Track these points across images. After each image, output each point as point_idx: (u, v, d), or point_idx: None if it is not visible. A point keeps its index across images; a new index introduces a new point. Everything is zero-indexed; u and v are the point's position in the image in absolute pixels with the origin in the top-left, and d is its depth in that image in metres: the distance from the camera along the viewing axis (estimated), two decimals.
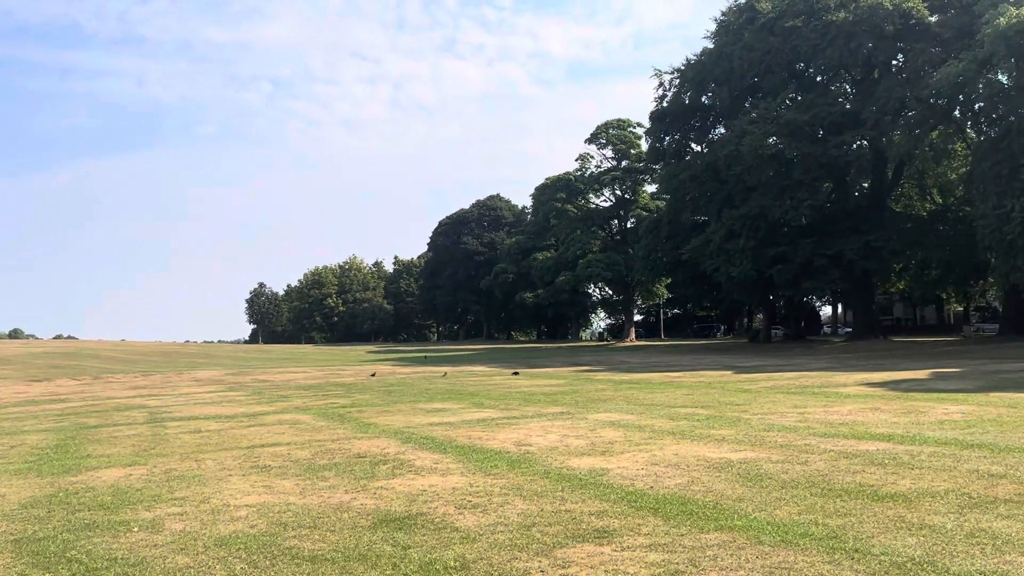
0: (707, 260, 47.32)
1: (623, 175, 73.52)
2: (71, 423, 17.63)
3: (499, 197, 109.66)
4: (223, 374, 37.76)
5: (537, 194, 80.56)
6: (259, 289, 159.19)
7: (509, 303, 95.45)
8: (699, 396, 18.86)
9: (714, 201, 49.16)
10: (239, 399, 22.95)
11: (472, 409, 17.43)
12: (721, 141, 47.84)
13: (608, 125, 74.64)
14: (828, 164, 43.65)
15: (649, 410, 15.78)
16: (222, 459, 11.11)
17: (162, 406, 21.28)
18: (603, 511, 6.89)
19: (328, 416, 17.01)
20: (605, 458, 9.82)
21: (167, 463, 10.95)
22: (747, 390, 20.34)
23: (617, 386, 23.44)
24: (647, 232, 59.94)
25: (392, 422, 15.33)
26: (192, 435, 14.32)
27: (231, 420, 16.80)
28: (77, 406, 22.40)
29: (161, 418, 17.90)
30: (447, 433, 13.12)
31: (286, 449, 11.92)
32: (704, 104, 55.35)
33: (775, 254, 44.45)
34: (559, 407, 17.08)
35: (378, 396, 22.46)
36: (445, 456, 10.52)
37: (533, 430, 13.03)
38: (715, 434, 11.72)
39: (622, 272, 70.42)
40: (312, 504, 7.68)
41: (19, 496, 8.79)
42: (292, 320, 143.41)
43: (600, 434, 12.21)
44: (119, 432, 15.33)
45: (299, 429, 14.69)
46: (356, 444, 12.15)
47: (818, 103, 43.27)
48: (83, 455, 12.25)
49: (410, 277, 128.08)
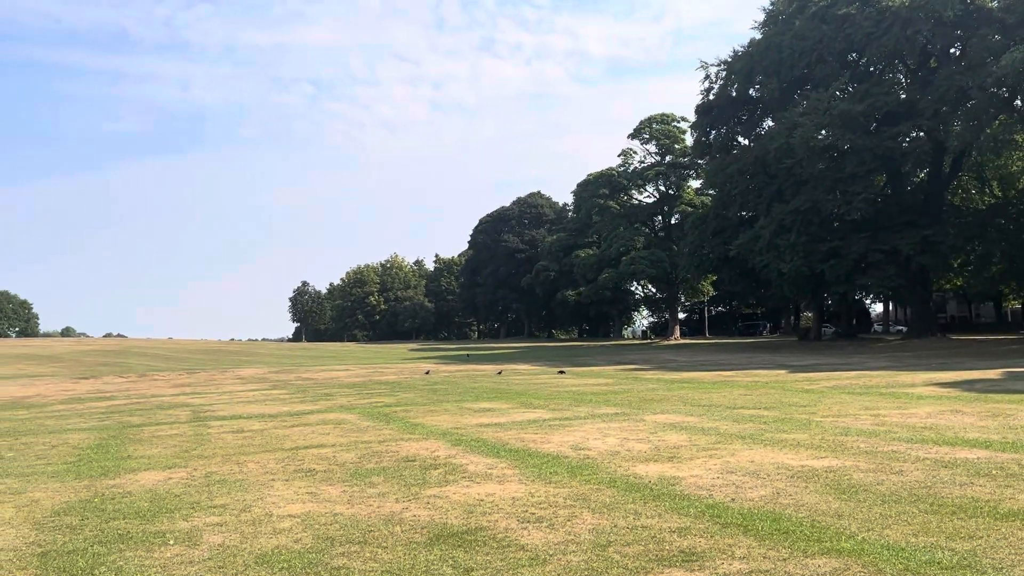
0: (756, 256, 46.00)
1: (667, 170, 72.20)
2: (114, 422, 17.36)
3: (540, 194, 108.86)
4: (266, 372, 37.63)
5: (579, 191, 79.58)
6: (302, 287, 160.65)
7: (550, 301, 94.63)
8: (758, 396, 17.94)
9: (763, 195, 47.76)
10: (282, 397, 22.59)
11: (521, 409, 16.75)
12: (771, 134, 46.42)
13: (652, 120, 73.37)
14: (883, 156, 42.03)
15: (709, 411, 14.94)
16: (265, 461, 10.58)
17: (205, 404, 20.99)
18: (685, 528, 6.14)
19: (373, 415, 16.47)
20: (674, 465, 9.06)
21: (208, 465, 10.45)
22: (808, 390, 19.36)
23: (669, 385, 22.58)
24: (693, 228, 58.66)
25: (439, 422, 14.72)
26: (234, 435, 13.87)
27: (274, 419, 16.36)
28: (122, 404, 22.23)
29: (204, 417, 17.54)
30: (498, 435, 12.46)
31: (331, 451, 11.36)
32: (751, 96, 53.93)
33: (827, 250, 42.98)
34: (613, 407, 16.32)
35: (423, 395, 21.91)
36: (499, 460, 9.85)
37: (589, 432, 12.31)
38: (788, 438, 10.88)
39: (666, 269, 69.15)
40: (361, 515, 7.06)
41: (53, 501, 8.33)
42: (335, 318, 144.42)
43: (663, 437, 11.44)
44: (161, 431, 14.96)
45: (344, 429, 14.16)
46: (404, 446, 11.54)
47: (873, 92, 41.67)
48: (123, 456, 11.84)
49: (451, 275, 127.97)
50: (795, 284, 45.78)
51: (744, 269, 51.49)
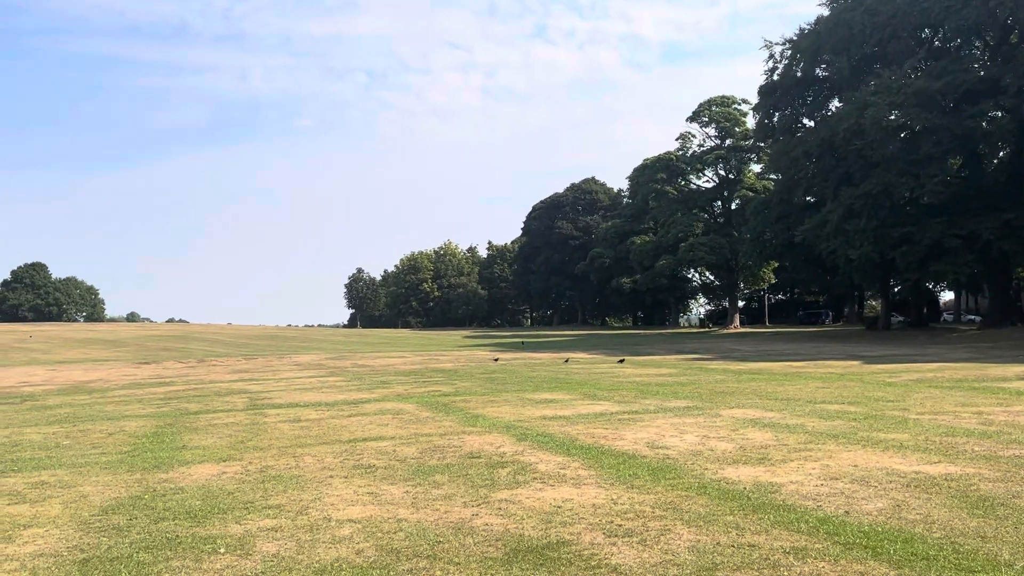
0: (823, 242, 44.24)
1: (727, 154, 70.22)
2: (172, 408, 17.14)
3: (594, 180, 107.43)
4: (323, 358, 37.55)
5: (635, 175, 78.09)
6: (357, 275, 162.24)
7: (604, 288, 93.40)
8: (838, 390, 16.85)
9: (830, 179, 45.91)
10: (339, 385, 22.22)
11: (585, 401, 15.99)
12: (839, 114, 44.48)
13: (711, 102, 71.41)
14: (962, 136, 39.87)
15: (789, 406, 13.97)
16: (322, 455, 10.04)
17: (262, 391, 20.71)
18: (800, 548, 5.33)
19: (432, 405, 15.89)
20: (767, 468, 8.20)
21: (263, 459, 9.95)
22: (890, 383, 18.18)
23: (738, 377, 21.55)
24: (755, 213, 56.89)
25: (501, 414, 14.06)
26: (291, 425, 13.41)
27: (331, 408, 15.91)
28: (180, 390, 22.13)
29: (260, 405, 17.20)
30: (565, 429, 11.73)
31: (391, 444, 10.77)
32: (817, 76, 51.92)
33: (899, 235, 41.06)
34: (683, 401, 15.45)
35: (481, 384, 21.30)
36: (571, 459, 9.12)
37: (664, 429, 11.49)
38: (887, 439, 9.91)
39: (726, 256, 67.40)
40: (427, 521, 6.40)
41: (103, 497, 7.87)
42: (389, 305, 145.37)
43: (746, 435, 10.56)
44: (218, 420, 14.62)
45: (403, 420, 13.59)
46: (467, 440, 10.89)
47: (951, 70, 39.52)
48: (178, 446, 11.45)
49: (504, 262, 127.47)
50: (864, 271, 43.94)
51: (809, 255, 49.68)
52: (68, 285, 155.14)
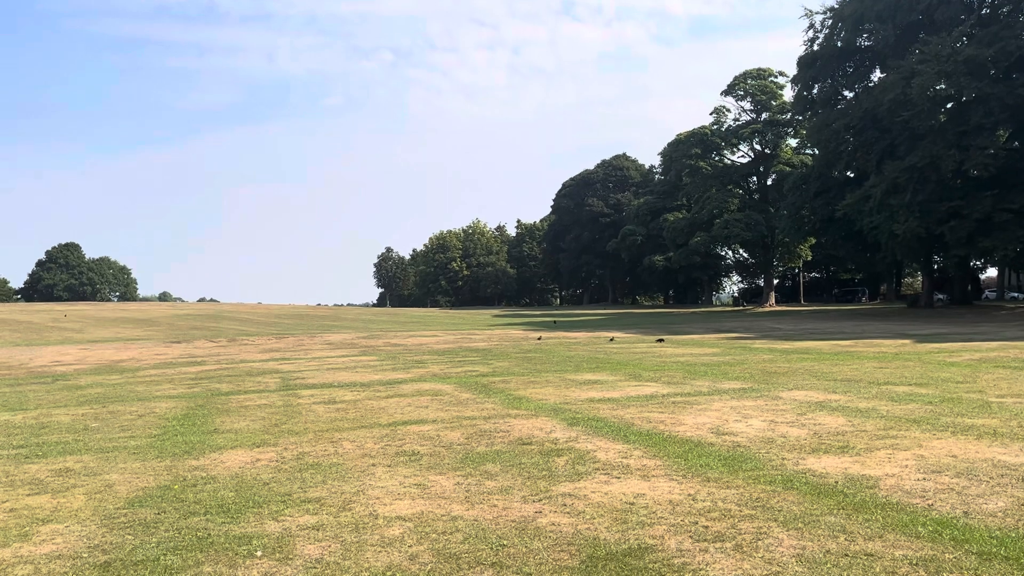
0: (865, 217, 42.80)
1: (763, 128, 68.52)
2: (203, 389, 16.68)
3: (625, 156, 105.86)
4: (355, 337, 37.12)
5: (668, 151, 76.60)
6: (386, 254, 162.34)
7: (636, 266, 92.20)
8: (897, 370, 15.93)
9: (873, 152, 44.36)
10: (373, 364, 21.67)
11: (631, 382, 15.24)
12: (884, 84, 42.80)
13: (747, 75, 69.63)
14: (1013, 106, 38.17)
15: (852, 387, 13.12)
16: (361, 440, 9.41)
17: (294, 371, 20.23)
18: (928, 559, 4.56)
19: (471, 386, 15.25)
20: (853, 458, 7.41)
21: (299, 444, 9.35)
22: (952, 363, 17.20)
23: (786, 356, 20.66)
24: (793, 188, 55.37)
25: (544, 395, 13.37)
26: (326, 407, 12.83)
27: (367, 389, 15.32)
28: (211, 369, 21.73)
29: (293, 385, 16.68)
30: (617, 413, 11.00)
31: (433, 428, 10.13)
32: (860, 46, 50.12)
33: (947, 209, 39.57)
34: (736, 382, 14.64)
35: (518, 363, 20.64)
36: (631, 447, 8.39)
37: (725, 413, 10.72)
38: (975, 424, 9.06)
39: (763, 232, 65.95)
40: (485, 519, 5.71)
41: (130, 487, 7.30)
42: (418, 284, 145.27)
43: (817, 420, 9.76)
44: (250, 401, 14.09)
45: (442, 402, 12.95)
46: (514, 424, 10.21)
47: (1003, 36, 37.77)
48: (209, 429, 10.91)
49: (532, 241, 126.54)
50: (908, 247, 42.49)
51: (850, 232, 48.18)
52: (101, 265, 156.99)
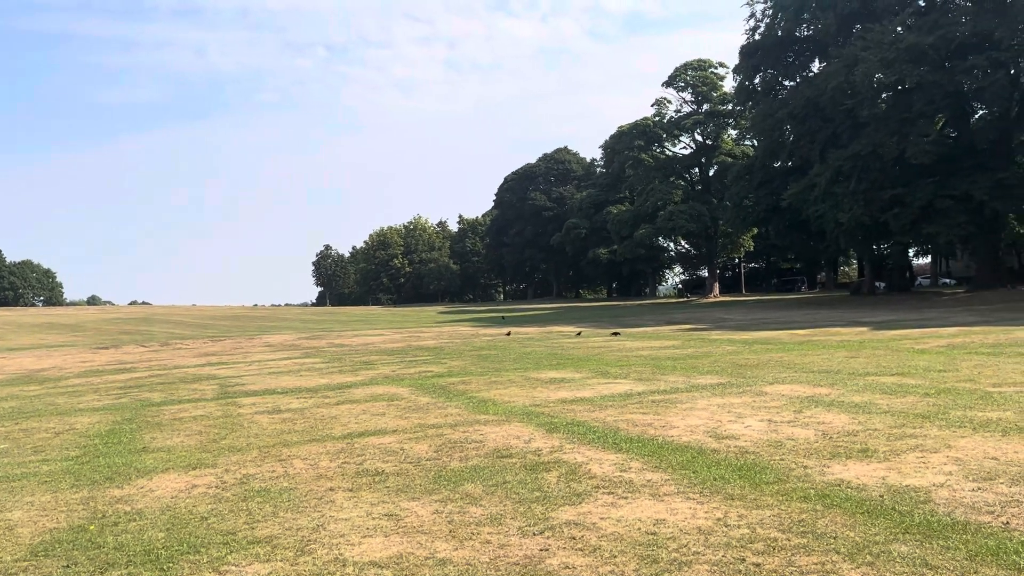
0: (810, 206, 42.89)
1: (705, 119, 68.62)
2: (132, 399, 15.18)
3: (567, 150, 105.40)
4: (296, 338, 35.50)
5: (611, 143, 76.28)
6: (325, 252, 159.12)
7: (580, 260, 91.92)
8: (872, 360, 15.37)
9: (816, 141, 44.50)
10: (318, 367, 20.33)
11: (600, 379, 14.32)
12: (827, 72, 42.88)
13: (687, 66, 69.65)
14: (954, 93, 38.62)
15: (836, 379, 12.42)
16: (315, 458, 8.23)
17: (233, 376, 18.78)
18: None
19: (428, 389, 14.12)
20: (882, 464, 6.56)
21: (242, 464, 8.12)
22: (923, 351, 16.75)
23: (750, 347, 20.05)
24: (736, 178, 55.44)
25: (511, 397, 12.33)
26: (271, 417, 11.58)
27: (315, 395, 14.06)
28: (142, 376, 20.10)
29: (233, 392, 15.30)
30: (596, 415, 10.04)
31: (395, 440, 9.00)
32: (800, 36, 50.34)
33: (890, 197, 39.81)
34: (711, 376, 13.83)
35: (474, 362, 19.56)
36: (626, 456, 7.41)
37: (714, 412, 9.84)
38: (992, 418, 8.35)
39: (706, 223, 66.05)
40: (480, 562, 4.64)
41: (35, 529, 6.00)
42: (359, 282, 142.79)
43: (818, 418, 8.94)
44: (184, 412, 12.72)
45: (400, 408, 11.81)
46: (486, 433, 9.14)
47: (942, 23, 38.13)
48: (137, 448, 9.58)
49: (475, 236, 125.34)
50: (853, 235, 42.72)
51: (794, 221, 48.35)
52: (23, 268, 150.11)
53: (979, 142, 41.39)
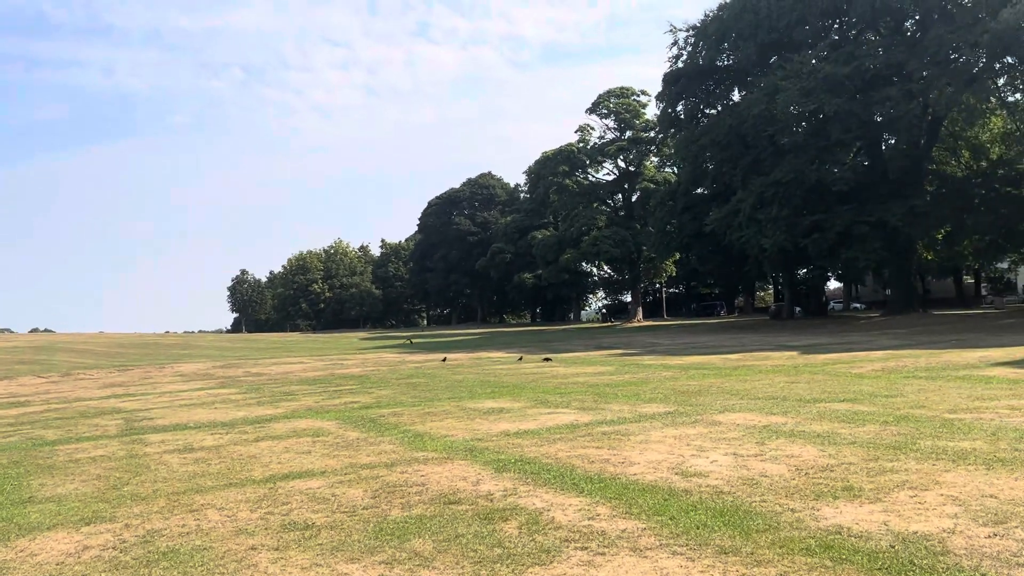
0: (734, 232, 43.43)
1: (628, 145, 69.33)
2: (22, 437, 13.62)
3: (491, 175, 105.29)
4: (210, 367, 33.61)
5: (536, 168, 76.27)
6: (241, 276, 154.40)
7: (505, 284, 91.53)
8: (814, 385, 15.09)
9: (739, 167, 45.22)
10: (234, 398, 18.95)
11: (540, 408, 13.57)
12: (749, 100, 43.74)
13: (610, 93, 70.41)
14: (868, 123, 39.83)
15: (786, 407, 11.97)
16: (233, 507, 7.18)
17: (141, 410, 17.26)
18: None
19: (357, 422, 13.08)
20: (875, 505, 5.96)
21: (147, 517, 7.01)
22: (860, 375, 16.63)
23: (686, 373, 19.66)
24: (660, 204, 55.94)
25: (449, 430, 11.45)
26: (181, 457, 10.38)
27: (231, 430, 12.85)
28: (36, 411, 18.32)
29: (140, 428, 13.91)
30: (545, 450, 9.25)
31: (325, 484, 8.01)
32: (720, 66, 51.34)
33: (809, 223, 40.64)
34: (656, 405, 13.24)
35: (403, 391, 18.54)
36: (591, 501, 6.64)
37: (671, 444, 9.18)
38: (966, 449, 7.92)
39: (630, 249, 66.47)
40: None
41: None
42: (276, 308, 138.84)
43: (784, 451, 8.37)
44: (82, 452, 11.36)
45: (328, 445, 10.78)
46: (427, 474, 8.24)
47: (858, 55, 39.29)
48: (23, 498, 8.30)
49: (398, 260, 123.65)
50: (776, 260, 43.42)
51: (717, 246, 48.93)
52: None
53: (892, 170, 42.81)
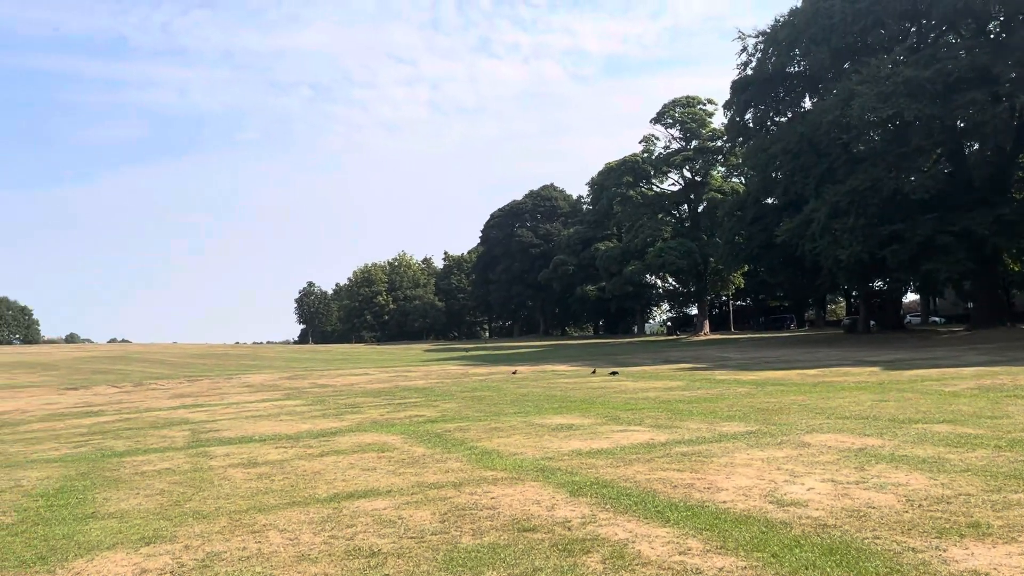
0: (808, 243, 41.97)
1: (694, 155, 68.10)
2: (92, 448, 13.65)
3: (553, 187, 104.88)
4: (277, 378, 33.87)
5: (599, 179, 75.58)
6: (308, 288, 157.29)
7: (568, 296, 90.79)
8: (906, 404, 14.12)
9: (811, 176, 43.73)
10: (300, 410, 18.83)
11: (612, 425, 12.96)
12: (823, 106, 42.31)
13: (676, 103, 69.32)
14: (952, 128, 38.05)
15: (881, 428, 11.12)
16: (296, 529, 6.82)
17: (207, 421, 17.25)
18: None
19: (422, 437, 12.69)
20: (1013, 547, 5.24)
21: (207, 538, 6.69)
22: (955, 393, 15.54)
23: (763, 389, 18.76)
24: (728, 215, 54.65)
25: (518, 448, 10.95)
26: (245, 472, 10.13)
27: (296, 444, 12.61)
28: (108, 421, 18.51)
29: (205, 440, 13.80)
30: (622, 472, 8.67)
31: (391, 505, 7.59)
32: (791, 72, 49.97)
33: (889, 233, 38.96)
34: (735, 424, 12.50)
35: (468, 404, 18.14)
36: (677, 531, 6.05)
37: (758, 468, 8.50)
38: None
39: (696, 260, 65.12)
40: None
41: None
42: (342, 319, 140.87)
43: (890, 478, 7.62)
44: (148, 464, 11.24)
45: (393, 460, 10.40)
46: (498, 496, 7.75)
47: (940, 57, 37.65)
48: (86, 513, 8.11)
49: (461, 272, 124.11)
50: (851, 272, 41.78)
51: (789, 257, 47.43)
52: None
53: (976, 178, 40.82)
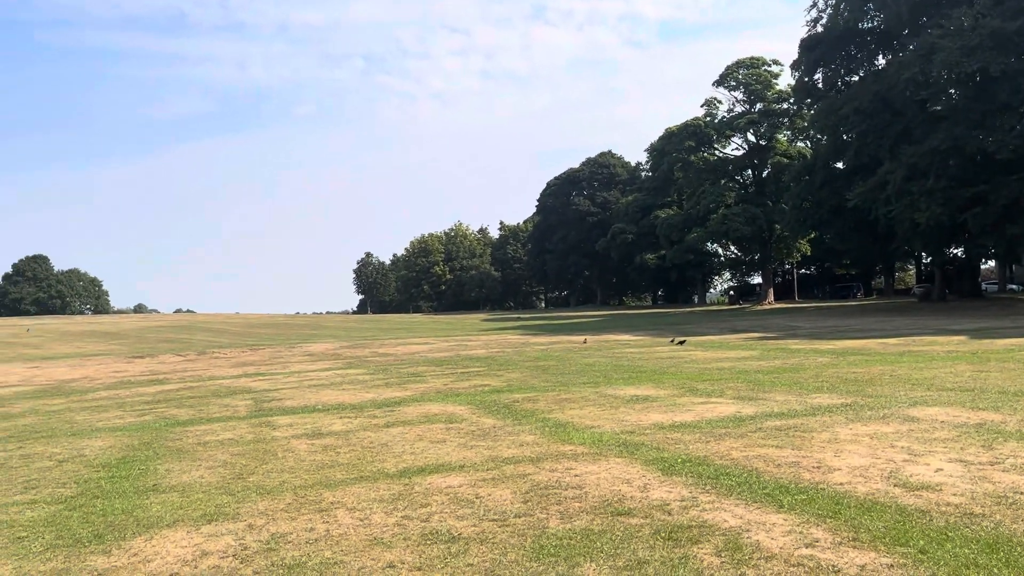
0: (882, 206, 40.06)
1: (759, 118, 65.71)
2: (156, 416, 13.46)
3: (611, 154, 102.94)
4: (337, 347, 33.82)
5: (659, 145, 73.63)
6: (366, 259, 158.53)
7: (626, 266, 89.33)
8: (1009, 375, 13.04)
9: (886, 137, 41.62)
10: (362, 379, 18.48)
11: (691, 397, 12.19)
12: (900, 62, 40.10)
13: (739, 64, 66.86)
14: None
15: (999, 401, 10.16)
16: (366, 507, 6.28)
17: (270, 389, 17.02)
18: None
19: (491, 407, 12.12)
20: None
21: (272, 516, 6.20)
22: None
23: (846, 359, 17.70)
24: (795, 179, 52.66)
25: (593, 420, 10.29)
26: (310, 443, 9.70)
27: (360, 414, 12.17)
28: (172, 390, 18.45)
29: (268, 409, 13.49)
30: (715, 448, 7.93)
31: (466, 481, 7.01)
32: (864, 28, 47.53)
33: (971, 195, 36.90)
34: (826, 395, 11.62)
35: (533, 374, 17.54)
36: (795, 518, 5.31)
37: (869, 445, 7.68)
38: None
39: (761, 227, 63.15)
40: None
41: None
42: (399, 289, 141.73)
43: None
44: (211, 434, 10.92)
45: (463, 432, 9.84)
46: (582, 473, 7.11)
47: None
48: (147, 485, 7.74)
49: (517, 242, 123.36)
50: (930, 236, 39.80)
51: (860, 223, 45.47)
52: (71, 277, 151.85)
53: None
